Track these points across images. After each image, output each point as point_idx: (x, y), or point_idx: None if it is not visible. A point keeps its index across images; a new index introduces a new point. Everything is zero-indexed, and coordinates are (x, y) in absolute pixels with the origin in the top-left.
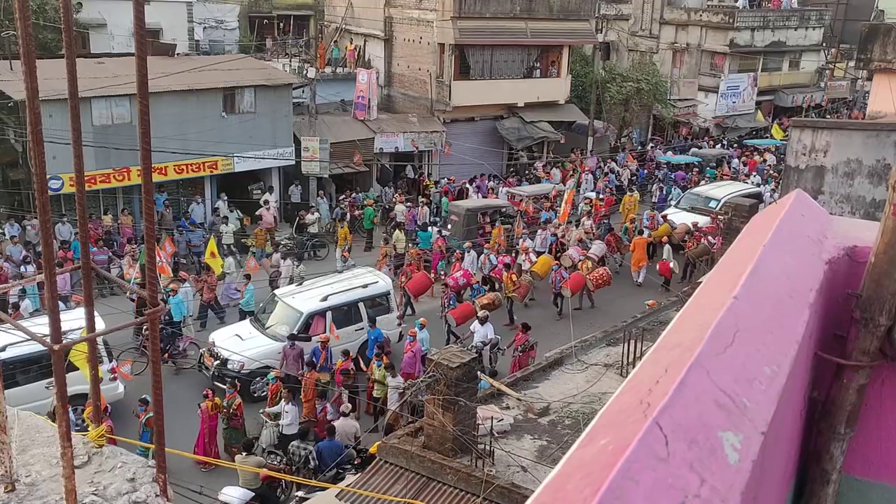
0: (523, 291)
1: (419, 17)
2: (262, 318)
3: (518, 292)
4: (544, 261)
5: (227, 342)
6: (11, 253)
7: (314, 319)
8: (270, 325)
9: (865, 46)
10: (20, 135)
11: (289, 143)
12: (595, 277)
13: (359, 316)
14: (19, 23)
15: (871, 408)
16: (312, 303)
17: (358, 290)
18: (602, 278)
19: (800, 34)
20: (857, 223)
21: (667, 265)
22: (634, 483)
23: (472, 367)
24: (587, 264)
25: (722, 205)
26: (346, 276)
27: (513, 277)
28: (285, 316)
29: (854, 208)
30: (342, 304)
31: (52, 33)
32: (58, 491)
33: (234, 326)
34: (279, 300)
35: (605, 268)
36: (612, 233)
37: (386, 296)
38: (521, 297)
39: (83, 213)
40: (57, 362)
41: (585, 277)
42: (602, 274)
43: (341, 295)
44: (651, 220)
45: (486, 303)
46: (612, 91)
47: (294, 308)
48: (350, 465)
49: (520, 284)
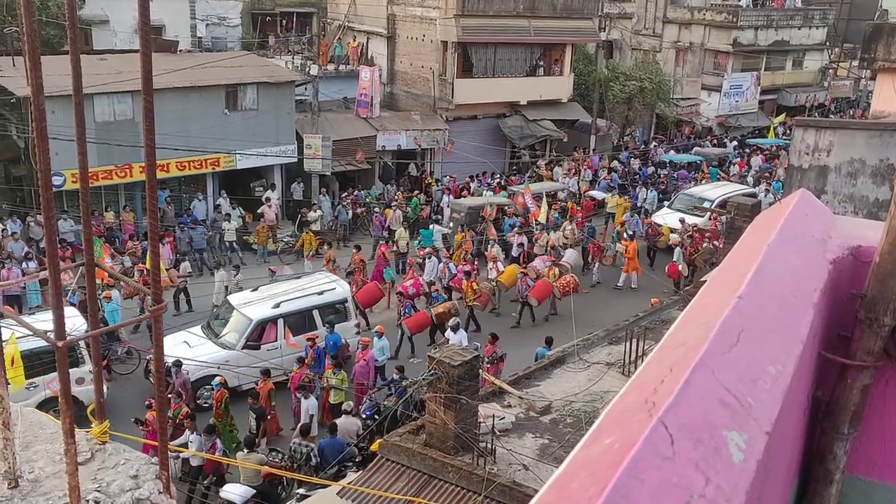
0: (484, 300)
1: (422, 14)
2: (213, 326)
3: (479, 301)
4: (511, 271)
5: (175, 349)
6: (13, 250)
7: (266, 327)
8: (221, 333)
9: (869, 46)
10: (22, 131)
11: (291, 141)
12: (562, 285)
13: (313, 324)
14: (24, 19)
15: (874, 408)
16: (264, 310)
17: (313, 296)
18: (569, 286)
19: (803, 33)
20: (861, 223)
21: (676, 267)
22: (640, 482)
23: (474, 366)
24: (554, 271)
25: (716, 205)
26: (303, 282)
27: (473, 286)
28: (236, 323)
29: (857, 208)
30: (295, 312)
31: (54, 30)
32: (61, 487)
33: (183, 333)
34: (232, 307)
35: (571, 275)
36: (593, 241)
37: (343, 303)
38: (483, 305)
39: (87, 209)
40: (61, 359)
41: (552, 285)
42: (569, 281)
43: (294, 302)
44: (650, 227)
45: (441, 311)
46: (614, 90)
47: (245, 315)
48: (352, 462)
49: (481, 293)
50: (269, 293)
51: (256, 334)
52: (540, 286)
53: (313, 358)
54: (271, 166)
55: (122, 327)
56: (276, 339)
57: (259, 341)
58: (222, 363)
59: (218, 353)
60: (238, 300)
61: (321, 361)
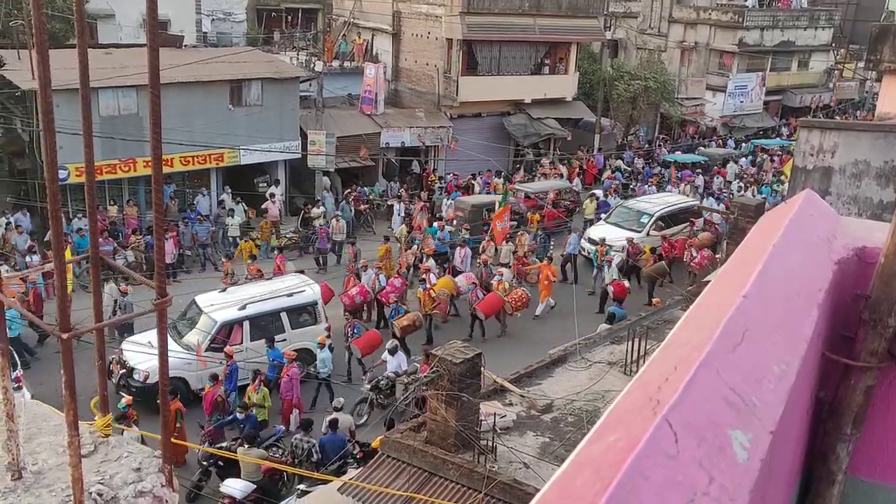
0: (444, 307)
1: (427, 11)
2: (179, 327)
3: (439, 308)
4: (444, 282)
5: (138, 349)
6: (16, 243)
7: (232, 329)
8: (186, 334)
9: (875, 47)
10: (27, 124)
11: (295, 137)
12: (514, 300)
13: (281, 326)
14: (33, 11)
15: (877, 409)
16: (229, 311)
17: (281, 298)
18: (521, 300)
19: (809, 34)
20: (866, 224)
21: (621, 285)
22: (644, 480)
23: (476, 364)
24: (504, 285)
25: (655, 219)
26: (274, 283)
27: (430, 294)
28: (202, 324)
29: (861, 210)
30: (262, 314)
31: (60, 23)
32: (64, 479)
33: (150, 333)
34: (198, 308)
35: (522, 289)
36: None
37: (313, 305)
38: (444, 313)
39: (92, 203)
40: (65, 351)
41: (503, 300)
42: (521, 296)
43: (262, 304)
44: (631, 245)
45: (406, 325)
46: (619, 89)
47: (209, 317)
48: (352, 458)
49: (439, 300)
50: (237, 295)
51: (222, 336)
52: (489, 300)
53: (226, 374)
54: (275, 162)
55: (125, 319)
56: (241, 342)
57: (224, 344)
58: (184, 365)
59: (181, 356)
60: (205, 301)
61: (232, 378)
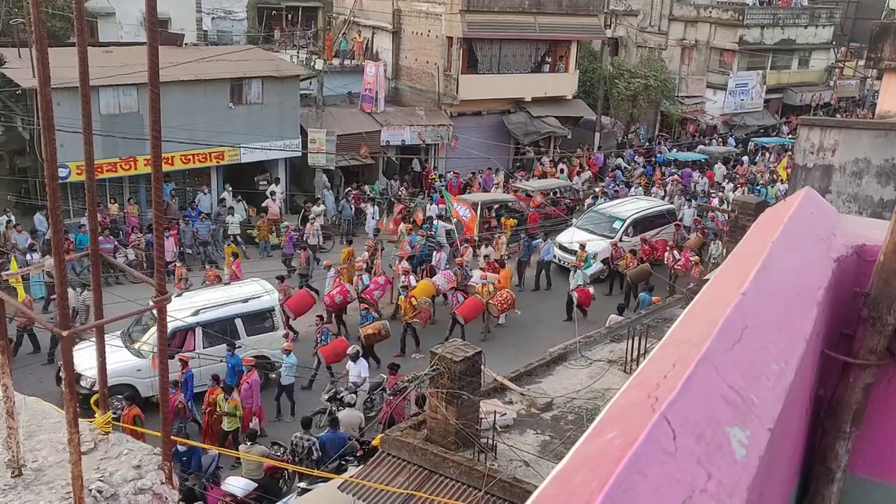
0: (425, 316)
1: (428, 10)
2: (132, 333)
3: (420, 317)
4: (424, 286)
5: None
6: (17, 241)
7: (186, 336)
8: (139, 341)
9: (876, 45)
10: (28, 122)
11: (295, 135)
12: (499, 302)
13: (236, 333)
14: (31, 9)
15: (876, 407)
16: (181, 317)
17: (237, 304)
18: (507, 302)
19: (810, 32)
20: (865, 222)
21: (586, 292)
22: (642, 476)
23: (476, 362)
24: (488, 288)
25: (628, 224)
26: (231, 289)
27: (412, 301)
28: (153, 330)
29: (861, 208)
30: (215, 320)
31: (60, 21)
32: (64, 476)
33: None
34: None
35: (509, 290)
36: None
37: (270, 312)
38: (424, 322)
39: (92, 201)
40: (66, 348)
41: (484, 302)
42: (507, 298)
43: (215, 310)
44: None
45: (370, 333)
46: (619, 87)
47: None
48: (353, 456)
49: (420, 309)
50: (191, 300)
51: (176, 343)
52: (469, 304)
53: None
54: (275, 160)
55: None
56: (193, 348)
57: (177, 350)
58: (133, 372)
59: (130, 362)
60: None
61: (188, 386)
